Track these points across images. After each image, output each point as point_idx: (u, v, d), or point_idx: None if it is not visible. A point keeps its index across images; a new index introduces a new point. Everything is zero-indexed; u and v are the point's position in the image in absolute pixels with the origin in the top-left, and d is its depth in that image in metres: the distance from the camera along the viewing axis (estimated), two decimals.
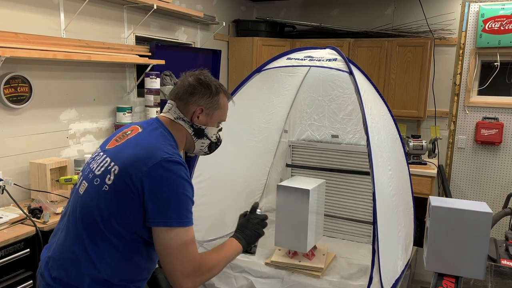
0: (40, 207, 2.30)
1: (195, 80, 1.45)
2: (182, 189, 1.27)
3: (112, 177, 1.29)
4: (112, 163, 1.31)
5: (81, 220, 1.32)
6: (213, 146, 1.55)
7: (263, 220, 1.62)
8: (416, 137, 4.00)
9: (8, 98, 2.47)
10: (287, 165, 2.64)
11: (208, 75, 1.49)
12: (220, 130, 1.55)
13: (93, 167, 1.37)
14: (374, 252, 1.55)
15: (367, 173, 2.32)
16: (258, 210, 1.65)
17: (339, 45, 4.35)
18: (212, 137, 1.51)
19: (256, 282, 1.86)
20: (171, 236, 1.24)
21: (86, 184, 1.36)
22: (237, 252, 1.49)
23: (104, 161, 1.34)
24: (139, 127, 1.43)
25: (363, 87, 1.75)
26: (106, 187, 1.29)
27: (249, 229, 1.56)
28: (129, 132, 1.42)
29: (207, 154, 1.58)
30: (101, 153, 1.39)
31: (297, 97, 2.56)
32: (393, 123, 2.12)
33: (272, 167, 2.65)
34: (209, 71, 1.51)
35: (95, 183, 1.32)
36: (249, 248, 1.56)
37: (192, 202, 1.31)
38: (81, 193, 1.36)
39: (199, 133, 1.47)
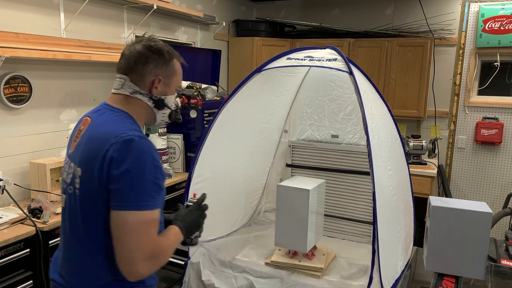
0: (40, 207, 2.30)
1: (145, 48, 1.34)
2: (139, 169, 1.18)
3: (78, 180, 1.27)
4: (75, 166, 1.29)
5: (71, 232, 1.31)
6: (173, 114, 1.46)
7: (204, 211, 1.51)
8: (416, 137, 4.00)
9: (8, 98, 2.47)
10: (287, 165, 2.64)
11: (158, 40, 1.38)
12: (178, 96, 1.47)
13: (64, 177, 1.35)
14: (374, 252, 1.55)
15: (367, 173, 2.32)
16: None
17: (339, 45, 4.35)
18: (172, 105, 1.42)
19: (256, 282, 1.86)
20: (129, 219, 1.17)
21: (65, 196, 1.34)
22: (179, 242, 1.39)
23: (69, 167, 1.33)
24: (88, 118, 1.36)
25: (363, 87, 1.75)
26: (77, 191, 1.27)
27: (191, 219, 1.45)
28: (82, 127, 1.36)
29: (167, 123, 1.50)
30: (67, 160, 1.37)
31: (297, 97, 2.56)
32: (393, 123, 2.12)
33: (272, 167, 2.65)
34: (178, 54, 1.45)
35: (69, 191, 1.31)
36: (189, 240, 1.48)
37: (154, 183, 1.21)
38: (64, 206, 1.35)
39: (160, 104, 1.38)
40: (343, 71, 1.72)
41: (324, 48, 1.90)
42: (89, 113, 1.39)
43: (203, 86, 3.85)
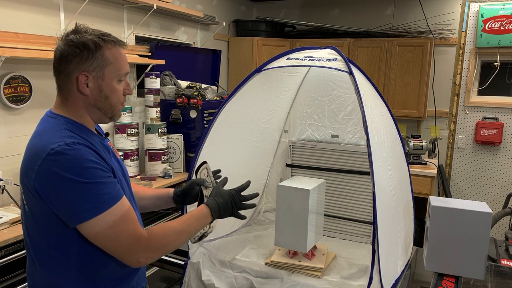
0: None
1: (66, 44, 1.21)
2: (78, 177, 1.10)
3: (23, 196, 1.21)
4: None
5: (28, 248, 1.26)
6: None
7: (243, 201, 1.48)
8: (416, 137, 4.01)
9: (8, 98, 2.47)
10: (287, 165, 2.64)
11: (81, 30, 1.23)
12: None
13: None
14: (374, 252, 1.55)
15: (367, 173, 2.32)
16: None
17: (339, 45, 4.35)
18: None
19: (256, 282, 1.86)
20: (93, 226, 1.13)
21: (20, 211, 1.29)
22: (201, 222, 1.38)
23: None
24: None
25: (363, 87, 1.75)
26: (26, 208, 1.20)
27: (223, 200, 1.44)
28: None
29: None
30: None
31: (297, 97, 2.56)
32: (393, 123, 2.12)
33: (272, 167, 2.65)
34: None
35: (23, 207, 1.24)
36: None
37: (91, 183, 1.12)
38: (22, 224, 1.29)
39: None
40: (343, 71, 1.72)
41: (324, 48, 1.89)
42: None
43: (203, 86, 3.86)
